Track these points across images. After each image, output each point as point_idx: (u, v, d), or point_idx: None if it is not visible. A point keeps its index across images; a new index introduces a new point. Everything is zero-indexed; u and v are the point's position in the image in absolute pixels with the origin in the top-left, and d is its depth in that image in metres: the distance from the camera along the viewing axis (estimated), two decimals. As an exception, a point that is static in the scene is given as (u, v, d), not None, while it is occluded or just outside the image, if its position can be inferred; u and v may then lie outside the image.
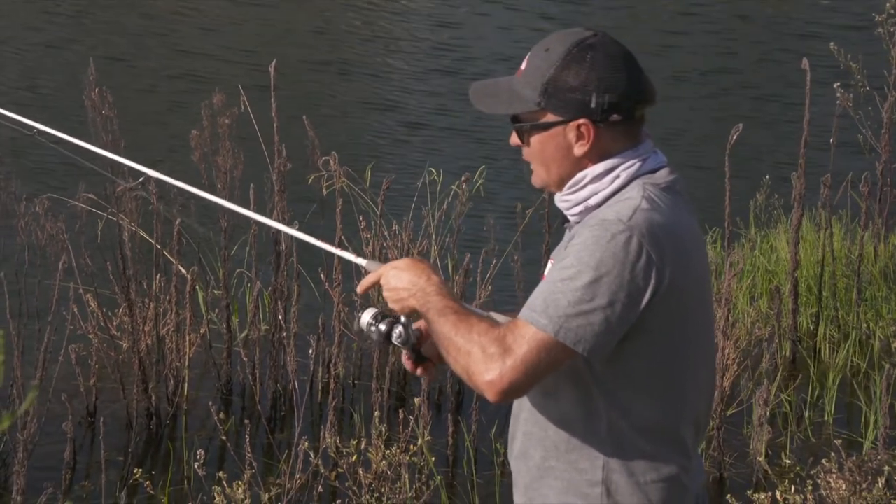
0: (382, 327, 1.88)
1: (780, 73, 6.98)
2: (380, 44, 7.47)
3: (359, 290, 1.91)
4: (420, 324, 1.91)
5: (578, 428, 1.83)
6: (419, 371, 1.94)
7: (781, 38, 7.48)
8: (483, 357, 1.76)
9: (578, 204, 1.84)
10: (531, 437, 1.87)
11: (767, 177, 4.69)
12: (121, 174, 2.35)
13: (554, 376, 1.81)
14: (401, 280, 1.84)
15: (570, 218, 1.86)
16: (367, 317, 1.89)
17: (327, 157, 3.94)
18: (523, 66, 1.85)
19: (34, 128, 2.25)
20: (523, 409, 1.89)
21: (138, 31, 7.39)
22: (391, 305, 1.87)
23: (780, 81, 6.90)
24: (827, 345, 4.36)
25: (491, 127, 6.11)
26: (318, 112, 6.32)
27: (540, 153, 1.85)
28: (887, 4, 4.59)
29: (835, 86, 4.42)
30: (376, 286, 1.88)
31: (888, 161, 4.58)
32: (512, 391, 1.77)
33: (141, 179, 2.12)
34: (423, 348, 1.92)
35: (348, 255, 1.98)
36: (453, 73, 7.02)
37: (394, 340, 1.88)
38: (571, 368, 1.81)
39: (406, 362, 1.94)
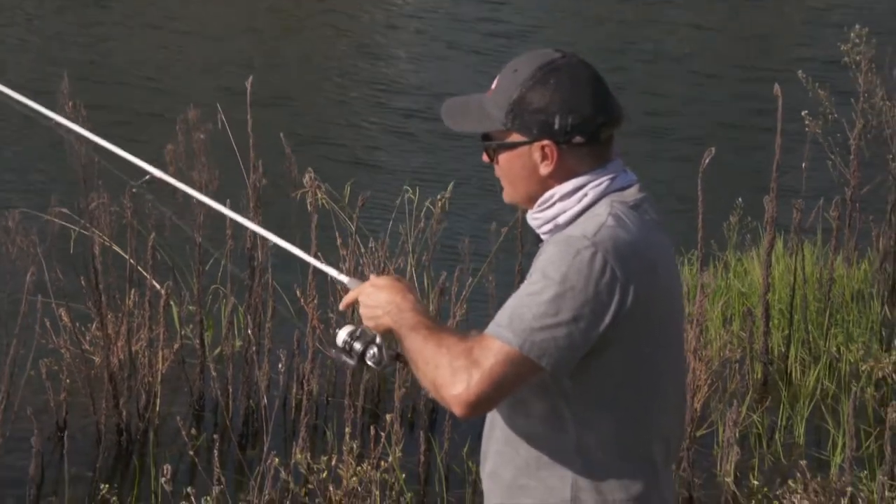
0: (358, 347, 1.89)
1: (750, 104, 7.08)
2: (358, 54, 7.51)
3: (340, 306, 1.93)
4: None
5: (548, 445, 1.84)
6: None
7: (751, 69, 7.58)
8: (450, 370, 1.78)
9: (548, 222, 1.86)
10: (502, 456, 1.88)
11: (740, 199, 4.74)
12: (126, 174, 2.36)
13: (524, 393, 1.82)
14: (377, 298, 1.86)
15: (541, 236, 1.88)
16: (343, 335, 1.90)
17: (306, 175, 3.95)
18: (493, 86, 1.88)
19: (52, 119, 2.25)
20: (496, 428, 1.90)
21: (111, 42, 7.40)
22: (366, 322, 1.88)
23: (751, 111, 6.99)
24: (798, 367, 4.40)
25: (469, 144, 6.15)
26: (296, 128, 6.34)
27: (508, 171, 1.88)
28: (851, 34, 4.67)
29: (803, 113, 4.48)
30: (356, 303, 1.89)
31: (857, 186, 4.65)
32: (479, 405, 1.78)
33: (147, 178, 2.14)
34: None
35: (331, 271, 2.00)
36: (431, 88, 7.07)
37: (367, 361, 1.90)
38: (540, 384, 1.82)
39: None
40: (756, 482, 3.67)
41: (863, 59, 4.65)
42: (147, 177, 2.15)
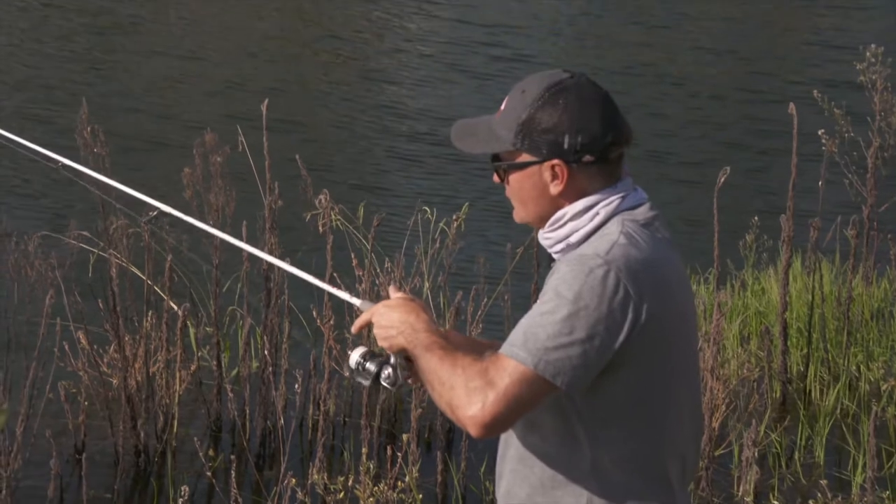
0: (371, 367, 1.89)
1: (753, 126, 7.07)
2: (362, 79, 7.55)
3: (353, 329, 1.93)
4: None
5: (562, 464, 1.84)
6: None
7: (753, 91, 7.58)
8: (465, 391, 1.78)
9: (560, 241, 1.87)
10: (517, 475, 1.88)
11: (756, 219, 4.73)
12: (135, 209, 2.41)
13: (539, 412, 1.82)
14: (391, 318, 1.87)
15: (553, 256, 1.89)
16: (356, 356, 1.91)
17: (321, 196, 3.97)
18: (502, 107, 1.89)
19: (59, 161, 2.29)
20: (510, 447, 1.90)
21: (144, 68, 7.47)
22: (380, 343, 1.88)
23: (755, 132, 6.98)
24: (817, 386, 4.37)
25: (474, 167, 6.16)
26: (300, 152, 6.37)
27: (518, 191, 1.89)
28: (867, 53, 4.66)
29: (820, 132, 4.48)
30: (369, 324, 1.90)
31: (874, 205, 4.63)
32: (494, 425, 1.78)
33: (155, 213, 2.17)
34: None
35: (342, 294, 2.01)
36: (435, 112, 7.09)
37: (382, 382, 1.89)
38: (554, 403, 1.82)
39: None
40: (776, 502, 3.63)
41: (878, 78, 4.65)
42: (155, 212, 2.17)
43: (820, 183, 4.49)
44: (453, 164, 6.39)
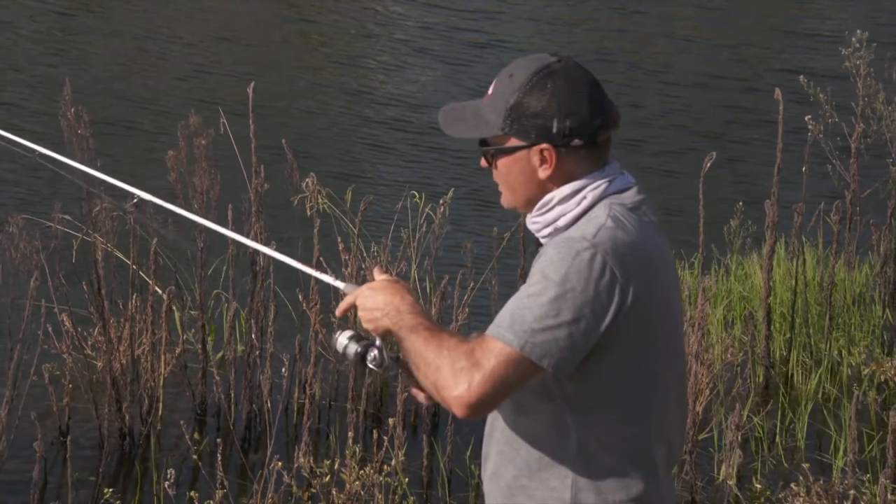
0: (358, 349, 1.90)
1: (729, 114, 7.09)
2: (335, 64, 7.52)
3: (337, 312, 1.93)
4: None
5: (549, 446, 1.85)
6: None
7: (729, 80, 7.60)
8: (452, 372, 1.79)
9: (548, 226, 1.87)
10: (503, 457, 1.89)
11: (740, 204, 4.76)
12: (114, 197, 2.40)
13: (526, 394, 1.83)
14: (375, 300, 1.87)
15: (540, 240, 1.90)
16: (342, 339, 1.91)
17: (308, 180, 3.97)
18: (490, 91, 1.89)
19: (35, 150, 2.29)
20: (496, 429, 1.91)
21: (114, 50, 7.42)
22: (365, 325, 1.89)
23: (731, 122, 7.01)
24: (799, 371, 4.41)
25: (449, 156, 6.15)
26: (300, 133, 6.34)
27: (506, 176, 1.89)
28: (853, 39, 4.68)
29: (806, 118, 4.50)
30: (353, 307, 1.90)
31: (857, 190, 4.66)
32: (480, 406, 1.79)
33: (135, 201, 2.16)
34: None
35: (326, 278, 2.01)
36: (409, 98, 7.07)
37: (368, 363, 1.90)
38: (542, 386, 1.83)
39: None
40: (758, 485, 3.68)
41: (861, 64, 4.67)
42: (135, 199, 2.17)
43: (803, 169, 4.52)
44: (432, 151, 6.38)
